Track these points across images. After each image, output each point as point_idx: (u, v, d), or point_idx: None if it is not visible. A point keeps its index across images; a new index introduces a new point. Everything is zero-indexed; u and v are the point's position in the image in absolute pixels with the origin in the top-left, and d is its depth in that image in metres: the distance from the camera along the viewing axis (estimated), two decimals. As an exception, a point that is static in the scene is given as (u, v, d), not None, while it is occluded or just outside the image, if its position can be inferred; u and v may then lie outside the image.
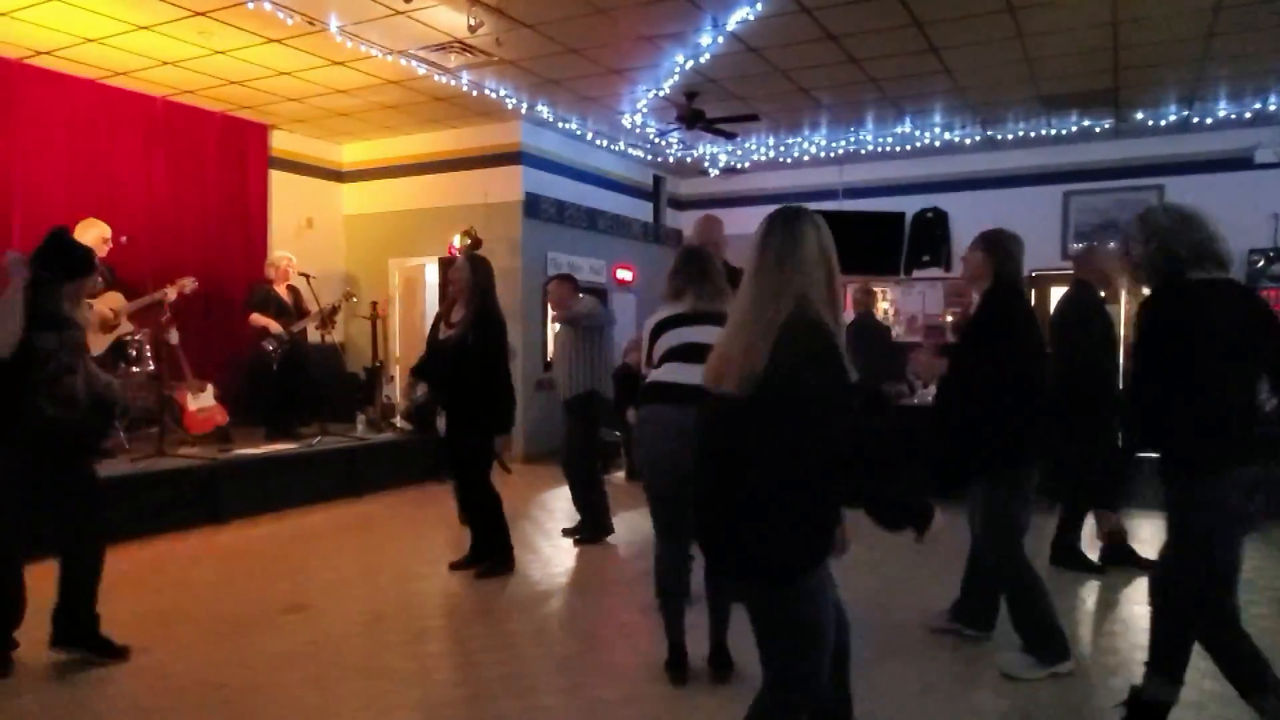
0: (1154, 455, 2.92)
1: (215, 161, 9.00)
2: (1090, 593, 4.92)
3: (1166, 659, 2.93)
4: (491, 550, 5.23)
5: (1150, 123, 9.20)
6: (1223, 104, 8.70)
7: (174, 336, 7.16)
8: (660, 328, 3.62)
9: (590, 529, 6.02)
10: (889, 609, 4.53)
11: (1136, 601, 4.77)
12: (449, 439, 5.16)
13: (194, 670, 3.70)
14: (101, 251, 6.49)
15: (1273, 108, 8.60)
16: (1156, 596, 2.98)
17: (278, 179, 9.71)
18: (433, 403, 5.42)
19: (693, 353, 3.34)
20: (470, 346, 4.89)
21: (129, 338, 6.87)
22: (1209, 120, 9.06)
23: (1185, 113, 8.93)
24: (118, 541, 5.62)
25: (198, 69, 7.67)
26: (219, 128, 9.01)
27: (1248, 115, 8.81)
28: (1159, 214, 2.90)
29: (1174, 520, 2.86)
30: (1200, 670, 3.18)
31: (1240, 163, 9.22)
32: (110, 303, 6.50)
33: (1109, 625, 4.46)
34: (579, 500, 6.07)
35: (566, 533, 6.14)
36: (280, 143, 9.73)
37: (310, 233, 9.98)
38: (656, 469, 3.52)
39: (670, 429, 3.36)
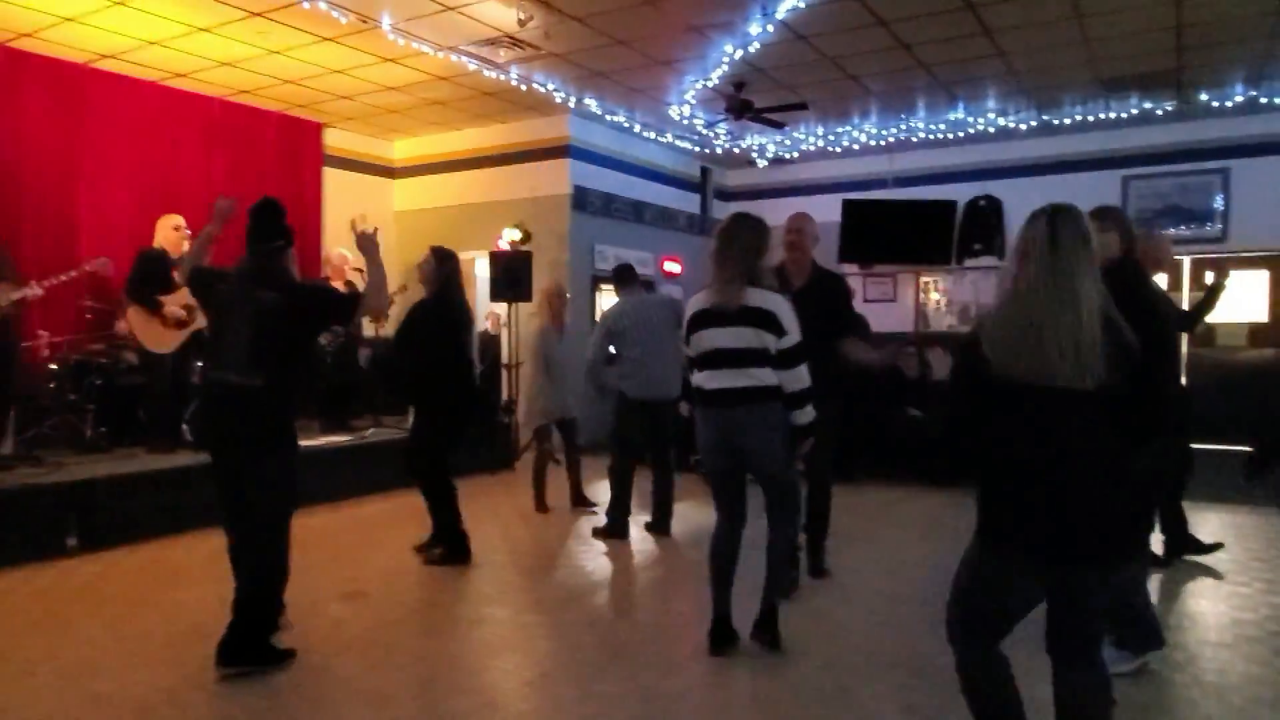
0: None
1: (272, 160, 9.19)
2: (1153, 587, 4.80)
3: None
4: (445, 540, 5.25)
5: (1215, 104, 8.91)
6: (1292, 83, 8.41)
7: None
8: (694, 322, 3.69)
9: (608, 523, 5.95)
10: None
11: (1200, 595, 4.66)
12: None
13: (259, 655, 3.78)
14: (177, 241, 6.65)
15: (1346, 86, 8.29)
16: None
17: (331, 176, 9.89)
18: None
19: (720, 359, 3.58)
20: (413, 325, 5.12)
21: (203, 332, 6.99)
22: (1278, 100, 8.75)
23: (1252, 93, 8.63)
24: (179, 532, 5.83)
25: (254, 69, 7.83)
26: (275, 127, 9.20)
27: (1319, 94, 8.50)
28: None
29: None
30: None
31: (1310, 144, 8.94)
32: (185, 299, 6.64)
33: (1174, 620, 4.34)
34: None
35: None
36: (333, 140, 9.90)
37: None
38: (710, 457, 3.77)
39: (713, 426, 3.67)
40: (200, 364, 6.76)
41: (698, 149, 11.15)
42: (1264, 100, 8.76)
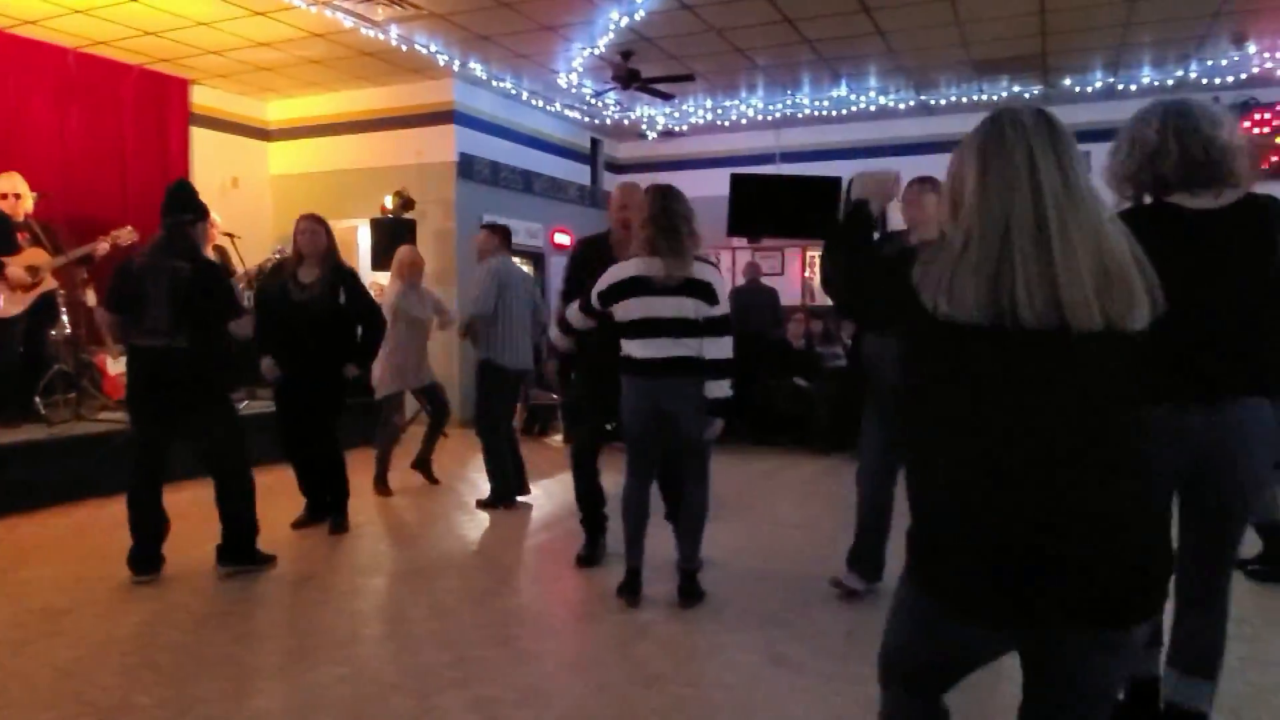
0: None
1: (133, 117, 8.64)
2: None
3: None
4: (337, 507, 5.24)
5: (1078, 89, 9.38)
6: (1146, 71, 8.91)
7: (90, 298, 6.92)
8: (623, 290, 3.71)
9: (493, 493, 5.86)
10: (824, 562, 4.62)
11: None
12: (307, 398, 5.08)
13: (116, 631, 3.61)
14: (11, 205, 6.20)
15: (1194, 75, 8.83)
16: None
17: (200, 136, 9.37)
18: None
19: (655, 328, 3.68)
20: (335, 302, 4.98)
21: (56, 294, 6.53)
22: (1133, 88, 9.26)
23: (1111, 80, 9.13)
24: (28, 510, 5.49)
25: (110, 18, 7.32)
26: (135, 82, 8.64)
27: (1170, 83, 9.03)
28: None
29: None
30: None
31: (1161, 129, 9.48)
32: (30, 260, 6.22)
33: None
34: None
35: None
36: (202, 98, 9.37)
37: (235, 193, 9.66)
38: (635, 421, 3.82)
39: (644, 394, 3.75)
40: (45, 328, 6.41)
41: (587, 119, 11.07)
42: (1121, 87, 9.27)
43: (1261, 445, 2.32)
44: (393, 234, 8.48)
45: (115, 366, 7.07)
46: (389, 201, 8.82)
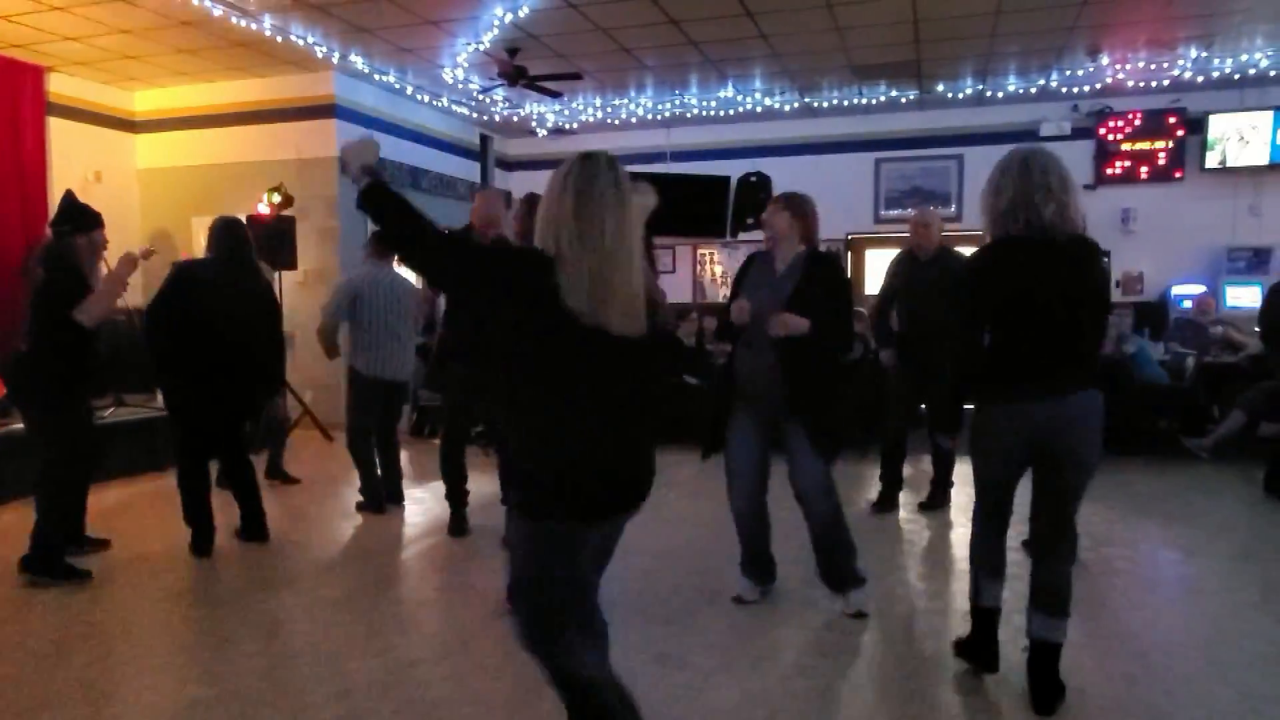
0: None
1: (-20, 106, 8.06)
2: (890, 529, 5.27)
3: None
4: (249, 516, 5.01)
5: (950, 95, 9.79)
6: (1012, 79, 9.37)
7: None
8: None
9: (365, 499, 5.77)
10: (711, 558, 4.70)
11: (941, 531, 5.17)
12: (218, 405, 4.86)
13: (-45, 661, 3.37)
14: None
15: (1054, 84, 9.34)
16: None
17: (59, 127, 8.78)
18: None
19: None
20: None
21: None
22: (1000, 94, 9.73)
23: (980, 87, 9.56)
24: None
25: (-48, -1, 6.81)
26: (-17, 68, 8.07)
27: (1033, 90, 9.54)
28: None
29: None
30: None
31: (1028, 135, 9.90)
32: None
33: (904, 550, 4.79)
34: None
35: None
36: (60, 87, 8.79)
37: (99, 187, 9.09)
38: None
39: None
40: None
41: (476, 115, 10.92)
42: (989, 94, 9.73)
43: (1095, 429, 2.88)
44: (271, 232, 8.17)
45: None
46: (266, 198, 8.49)
